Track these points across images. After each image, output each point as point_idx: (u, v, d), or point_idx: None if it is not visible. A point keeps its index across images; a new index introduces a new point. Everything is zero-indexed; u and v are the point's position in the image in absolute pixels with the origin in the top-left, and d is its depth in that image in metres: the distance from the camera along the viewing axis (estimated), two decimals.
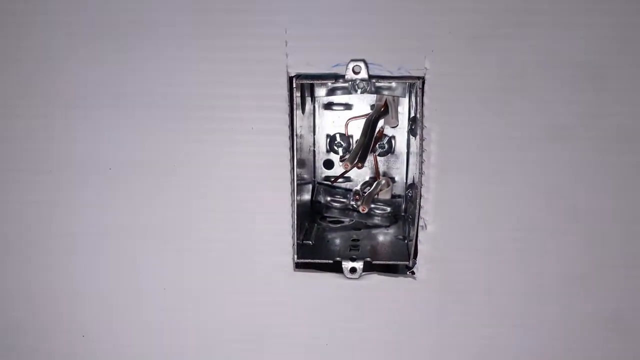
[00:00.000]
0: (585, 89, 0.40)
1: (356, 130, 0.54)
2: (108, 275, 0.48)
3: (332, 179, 0.55)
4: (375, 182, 0.52)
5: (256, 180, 0.45)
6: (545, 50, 0.40)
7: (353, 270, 0.46)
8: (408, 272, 0.46)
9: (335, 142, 0.55)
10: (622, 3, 0.38)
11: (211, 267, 0.47)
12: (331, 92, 0.53)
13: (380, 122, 0.53)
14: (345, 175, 0.56)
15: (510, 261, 0.44)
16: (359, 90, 0.51)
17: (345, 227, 0.56)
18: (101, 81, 0.44)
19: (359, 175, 0.57)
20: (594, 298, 0.44)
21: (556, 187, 0.42)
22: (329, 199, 0.56)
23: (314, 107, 0.54)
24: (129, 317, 0.49)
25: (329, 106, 0.55)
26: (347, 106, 0.55)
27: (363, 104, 0.54)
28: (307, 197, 0.55)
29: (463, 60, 0.41)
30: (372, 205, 0.56)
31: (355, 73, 0.42)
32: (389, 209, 0.56)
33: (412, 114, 0.51)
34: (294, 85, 0.43)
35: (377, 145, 0.55)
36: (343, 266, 0.46)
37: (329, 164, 0.56)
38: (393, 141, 0.55)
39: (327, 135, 0.55)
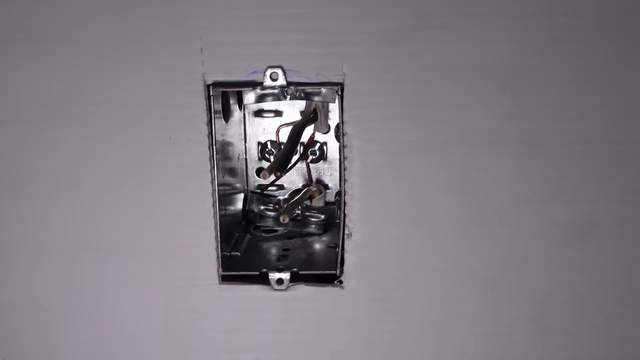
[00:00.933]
0: (498, 91, 0.40)
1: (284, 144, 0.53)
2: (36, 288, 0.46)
3: (262, 188, 0.54)
4: (304, 190, 0.51)
5: (177, 192, 0.43)
6: (458, 53, 0.39)
7: (280, 281, 0.45)
8: (336, 282, 0.45)
9: (267, 149, 0.54)
10: (532, 5, 0.38)
11: (133, 281, 0.45)
12: (260, 99, 0.52)
13: (310, 129, 0.52)
14: (277, 183, 0.55)
15: (437, 267, 0.43)
16: (288, 97, 0.51)
17: (279, 236, 0.55)
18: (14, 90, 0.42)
19: (292, 183, 0.56)
20: (519, 300, 0.44)
21: (476, 189, 0.42)
22: (262, 207, 0.55)
23: (244, 114, 0.53)
24: (47, 333, 0.47)
25: (259, 113, 0.54)
26: (278, 113, 0.54)
27: (294, 110, 0.53)
28: (238, 206, 0.54)
29: (380, 65, 0.40)
30: (306, 213, 0.55)
31: (273, 80, 0.41)
32: (322, 217, 0.55)
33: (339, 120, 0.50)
34: (212, 94, 0.41)
35: (308, 152, 0.54)
36: (270, 277, 0.45)
37: (260, 173, 0.55)
38: (325, 147, 0.54)
39: (258, 143, 0.54)
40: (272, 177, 0.45)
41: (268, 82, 0.41)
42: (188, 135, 0.42)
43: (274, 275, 0.45)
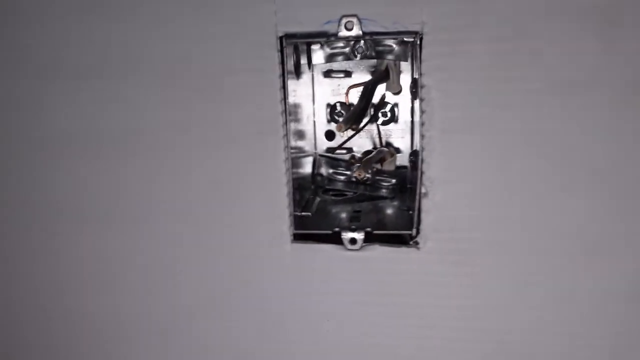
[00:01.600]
0: (596, 38, 0.37)
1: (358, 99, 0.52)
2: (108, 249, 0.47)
3: (334, 149, 0.53)
4: (377, 150, 0.49)
5: (248, 149, 0.43)
6: None
7: (353, 241, 0.43)
8: (411, 242, 0.43)
9: (336, 111, 0.53)
10: None
11: (209, 239, 0.45)
12: (330, 58, 0.51)
13: (382, 88, 0.50)
14: (346, 146, 0.53)
15: (521, 229, 0.41)
16: (359, 56, 0.49)
17: (349, 199, 0.53)
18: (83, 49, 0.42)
19: (362, 147, 0.54)
20: (613, 269, 0.41)
21: (566, 145, 0.39)
22: (331, 171, 0.54)
23: (312, 74, 0.52)
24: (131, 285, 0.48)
25: (328, 74, 0.52)
26: (347, 73, 0.52)
27: (364, 70, 0.52)
28: (307, 170, 0.53)
29: (462, 11, 0.38)
30: (377, 177, 0.53)
31: (348, 30, 0.39)
32: (393, 180, 0.53)
33: (415, 75, 0.48)
34: (284, 45, 0.40)
35: (379, 113, 0.52)
36: (342, 237, 0.44)
37: (330, 135, 0.54)
38: (396, 109, 0.52)
39: (327, 105, 0.53)
40: (348, 133, 0.44)
41: (343, 32, 0.40)
42: (261, 89, 0.41)
43: (347, 235, 0.44)
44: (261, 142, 0.42)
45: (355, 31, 0.39)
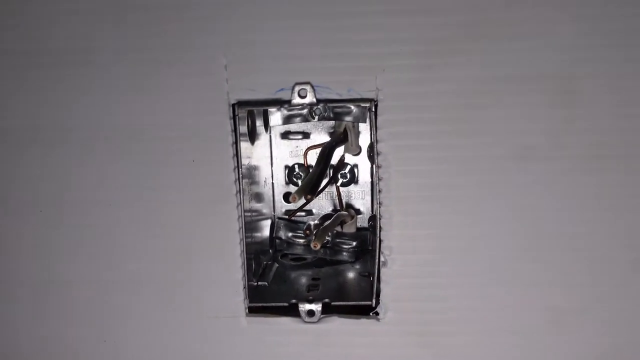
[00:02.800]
0: (550, 104, 0.37)
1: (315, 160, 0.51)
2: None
3: (290, 214, 0.51)
4: (335, 215, 0.48)
5: (201, 217, 0.41)
6: (505, 64, 0.37)
7: (311, 313, 0.42)
8: (371, 313, 0.41)
9: (294, 173, 0.52)
10: (586, 7, 0.35)
11: (158, 312, 0.42)
12: (287, 120, 0.50)
13: (340, 150, 0.50)
14: (306, 208, 0.52)
15: (485, 298, 0.40)
16: (317, 117, 0.48)
17: (308, 264, 0.52)
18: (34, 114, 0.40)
19: (321, 208, 0.53)
20: (581, 336, 0.40)
21: (529, 210, 0.38)
22: (290, 234, 0.52)
23: (270, 136, 0.51)
24: None
25: (285, 135, 0.51)
26: (305, 135, 0.51)
27: (322, 131, 0.51)
28: (265, 233, 0.51)
29: (417, 78, 0.37)
30: (337, 240, 0.52)
31: (302, 97, 0.39)
32: (354, 243, 0.52)
33: (371, 139, 0.47)
34: (237, 113, 0.39)
35: (338, 175, 0.51)
36: (300, 309, 0.42)
37: (288, 197, 0.52)
38: (356, 170, 0.51)
39: (286, 167, 0.52)
40: (303, 201, 0.42)
41: (296, 99, 0.39)
42: (213, 157, 0.40)
43: (305, 307, 0.42)
44: (214, 211, 0.41)
45: (309, 98, 0.39)
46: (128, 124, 0.39)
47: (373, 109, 0.38)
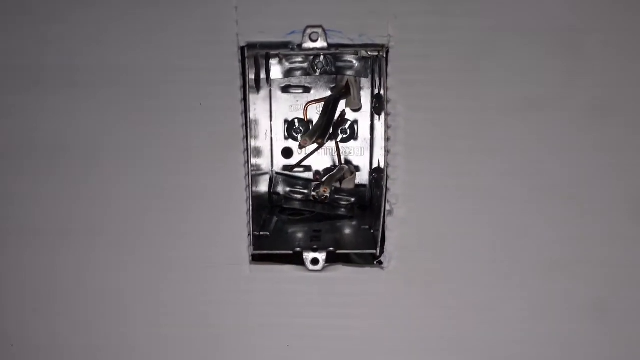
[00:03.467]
0: (560, 56, 0.37)
1: (316, 115, 0.50)
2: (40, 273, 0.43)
3: (292, 167, 0.51)
4: (338, 167, 0.48)
5: (206, 164, 0.40)
6: (518, 13, 0.37)
7: (315, 261, 0.42)
8: (375, 262, 0.42)
9: (294, 128, 0.51)
10: None
11: (161, 261, 0.42)
12: (288, 73, 0.49)
13: (342, 104, 0.49)
14: (306, 163, 0.52)
15: (487, 247, 0.40)
16: (318, 71, 0.48)
17: (306, 219, 0.51)
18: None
19: (320, 165, 0.53)
20: (574, 286, 0.41)
21: (532, 162, 0.39)
22: (288, 189, 0.52)
23: (270, 90, 0.50)
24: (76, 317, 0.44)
25: (286, 89, 0.51)
26: (306, 89, 0.51)
27: (323, 86, 0.50)
28: (264, 188, 0.51)
29: (429, 26, 0.37)
30: (336, 196, 0.52)
31: (313, 41, 0.38)
32: (352, 199, 0.52)
33: (376, 91, 0.47)
34: (246, 56, 0.39)
35: (338, 131, 0.51)
36: (304, 257, 0.42)
37: (287, 153, 0.52)
38: (355, 126, 0.51)
39: (285, 121, 0.51)
40: (307, 149, 0.42)
41: (307, 43, 0.38)
42: (221, 101, 0.39)
43: (309, 255, 0.42)
44: (220, 156, 0.40)
45: (320, 43, 0.38)
46: (134, 65, 0.38)
47: (384, 56, 0.38)
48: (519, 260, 0.41)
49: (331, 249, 0.42)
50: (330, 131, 0.48)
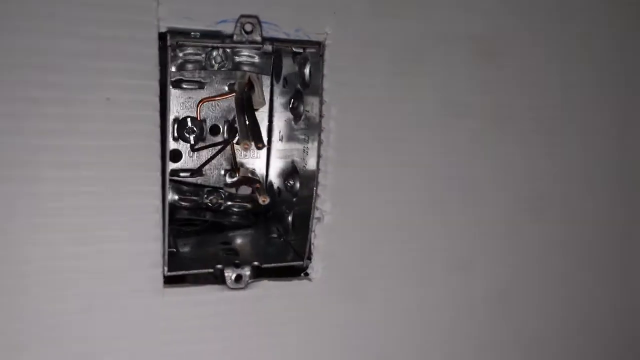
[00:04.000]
0: (483, 64, 0.39)
1: (209, 114, 0.45)
2: None
3: (190, 172, 0.45)
4: (244, 172, 0.44)
5: (115, 170, 0.33)
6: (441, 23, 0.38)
7: (238, 278, 0.37)
8: (302, 274, 0.39)
9: (186, 127, 0.45)
10: None
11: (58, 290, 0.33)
12: (181, 66, 0.44)
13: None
14: (190, 167, 0.46)
15: (416, 250, 0.41)
16: (216, 65, 0.43)
17: (198, 231, 0.46)
18: None
19: (211, 168, 0.48)
20: (488, 279, 0.43)
21: (458, 167, 0.40)
22: (176, 197, 0.46)
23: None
24: None
25: (178, 84, 0.45)
26: (200, 84, 0.45)
27: (220, 82, 0.46)
28: None
29: (366, 26, 0.36)
30: (229, 202, 0.48)
31: (247, 32, 0.34)
32: (249, 205, 0.48)
33: (294, 89, 0.44)
34: (169, 44, 0.33)
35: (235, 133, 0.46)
36: (226, 275, 0.37)
37: (176, 156, 0.46)
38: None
39: (175, 120, 0.45)
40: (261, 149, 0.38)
41: (240, 35, 0.34)
42: (134, 96, 0.33)
43: (231, 272, 0.37)
44: (129, 162, 0.33)
45: (254, 35, 0.34)
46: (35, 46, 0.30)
47: (321, 54, 0.36)
48: (438, 260, 0.42)
49: (255, 263, 0.38)
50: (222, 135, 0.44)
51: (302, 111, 0.40)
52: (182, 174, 0.46)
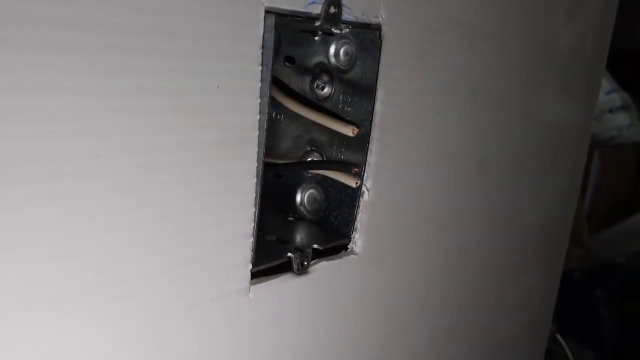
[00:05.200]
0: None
1: None
2: None
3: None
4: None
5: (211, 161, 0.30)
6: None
7: (303, 263, 0.37)
8: (347, 249, 0.40)
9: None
10: None
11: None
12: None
13: None
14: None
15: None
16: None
17: None
18: None
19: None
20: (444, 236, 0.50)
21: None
22: None
23: None
24: None
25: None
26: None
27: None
28: None
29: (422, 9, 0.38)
30: None
31: (331, 16, 0.33)
32: None
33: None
34: (274, 24, 0.30)
35: None
36: (294, 262, 0.36)
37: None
38: None
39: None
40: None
41: (324, 16, 0.33)
42: (236, 83, 0.30)
43: (298, 259, 0.37)
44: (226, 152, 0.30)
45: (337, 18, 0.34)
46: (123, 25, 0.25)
47: (379, 38, 0.37)
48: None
49: (315, 245, 0.38)
50: None
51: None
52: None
